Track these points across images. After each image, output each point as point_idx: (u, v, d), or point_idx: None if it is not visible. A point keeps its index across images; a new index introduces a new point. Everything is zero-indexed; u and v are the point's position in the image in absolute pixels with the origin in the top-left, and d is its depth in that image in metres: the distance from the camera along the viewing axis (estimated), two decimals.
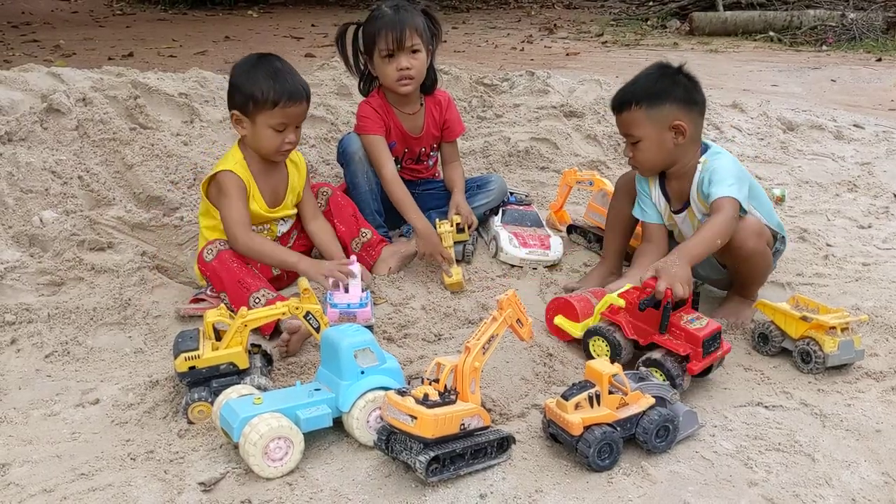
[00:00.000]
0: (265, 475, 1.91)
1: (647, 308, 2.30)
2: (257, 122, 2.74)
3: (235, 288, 2.64)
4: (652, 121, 2.64)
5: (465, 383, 1.94)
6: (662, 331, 2.29)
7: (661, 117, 2.63)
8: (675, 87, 2.66)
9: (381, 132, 3.20)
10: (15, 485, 1.90)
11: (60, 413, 2.22)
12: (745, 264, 2.67)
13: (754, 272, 2.74)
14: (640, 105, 2.64)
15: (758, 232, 2.64)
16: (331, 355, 2.08)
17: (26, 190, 3.08)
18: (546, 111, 4.76)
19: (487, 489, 1.89)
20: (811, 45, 9.51)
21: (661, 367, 2.24)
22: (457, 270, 2.97)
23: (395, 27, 3.06)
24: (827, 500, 1.89)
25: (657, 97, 2.63)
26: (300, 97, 2.76)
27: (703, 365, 2.25)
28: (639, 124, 2.66)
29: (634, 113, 2.66)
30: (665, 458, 2.02)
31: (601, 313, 2.45)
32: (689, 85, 2.69)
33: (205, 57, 7.09)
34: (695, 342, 2.24)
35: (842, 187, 4.27)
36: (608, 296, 2.43)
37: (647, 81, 2.69)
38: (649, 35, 10.32)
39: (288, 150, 2.82)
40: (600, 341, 2.40)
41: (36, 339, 2.52)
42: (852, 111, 5.81)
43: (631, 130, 2.70)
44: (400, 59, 3.10)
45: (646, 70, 2.77)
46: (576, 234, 3.48)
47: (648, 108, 2.63)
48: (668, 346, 2.27)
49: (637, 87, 2.70)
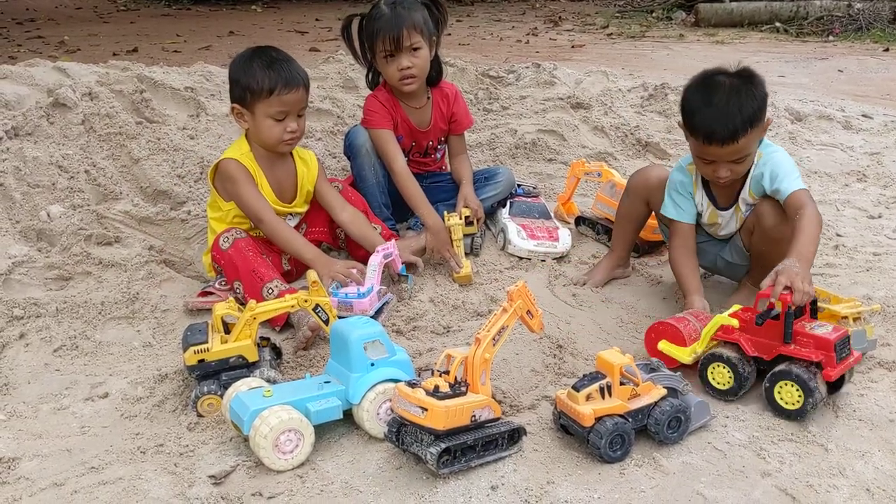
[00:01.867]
0: (276, 468, 1.90)
1: (765, 321, 2.17)
2: (256, 112, 2.74)
3: (250, 277, 2.64)
4: (759, 132, 2.57)
5: (475, 375, 1.93)
6: (787, 340, 2.16)
7: (761, 127, 2.56)
8: (761, 95, 2.55)
9: (389, 126, 3.19)
10: (25, 478, 1.90)
11: (70, 407, 2.22)
12: (777, 247, 2.58)
13: (780, 258, 2.68)
14: (749, 128, 2.51)
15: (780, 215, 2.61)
16: (340, 348, 2.08)
17: (33, 185, 3.08)
18: (553, 103, 4.74)
19: (499, 481, 1.88)
20: (817, 36, 9.46)
21: (789, 377, 2.10)
22: (465, 264, 2.96)
23: (391, 29, 3.03)
24: (841, 490, 1.87)
25: (758, 114, 2.53)
26: (296, 83, 2.74)
27: (839, 370, 2.12)
28: (752, 142, 2.57)
29: (748, 137, 2.52)
30: (677, 449, 2.01)
31: (712, 337, 2.28)
32: (759, 80, 2.58)
33: (209, 52, 7.09)
34: (826, 347, 2.11)
35: (851, 177, 4.24)
36: (717, 317, 2.26)
37: (745, 100, 2.51)
38: (654, 27, 10.27)
39: (291, 139, 2.79)
40: (720, 367, 2.22)
41: (44, 334, 2.52)
42: (860, 101, 5.78)
43: (744, 153, 2.56)
44: (400, 60, 3.09)
45: (723, 88, 2.55)
46: (584, 226, 3.47)
47: (753, 127, 2.52)
48: (798, 354, 2.13)
49: (742, 114, 2.49)
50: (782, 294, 2.15)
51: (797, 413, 2.10)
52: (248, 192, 2.75)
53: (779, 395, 2.13)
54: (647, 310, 2.80)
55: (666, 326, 2.36)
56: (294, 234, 2.83)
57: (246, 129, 2.82)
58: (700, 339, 2.30)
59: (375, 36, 3.08)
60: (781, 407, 2.12)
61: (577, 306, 2.83)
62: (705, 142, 2.53)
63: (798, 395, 2.09)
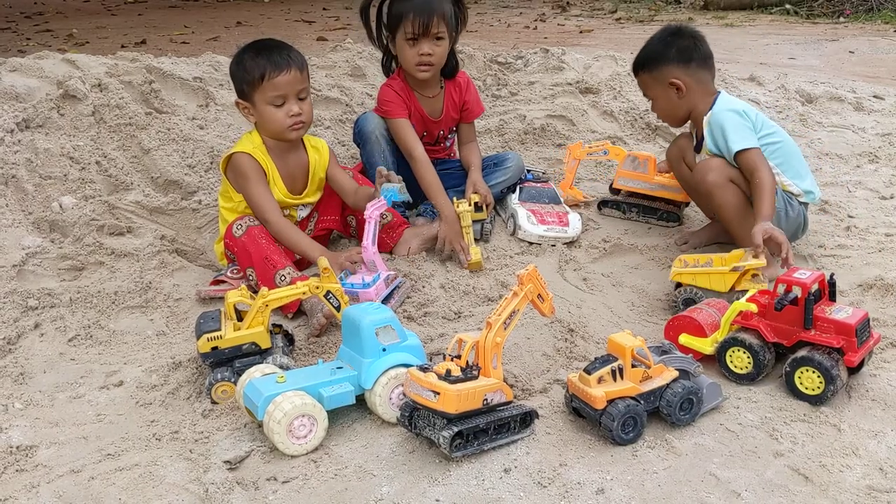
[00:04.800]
0: (290, 453, 1.92)
1: (784, 307, 2.16)
2: (256, 102, 2.75)
3: (263, 264, 2.65)
4: (656, 81, 2.99)
5: (487, 359, 1.93)
6: (808, 326, 2.15)
7: (661, 78, 2.96)
8: (668, 48, 2.95)
9: (406, 115, 3.19)
10: (43, 466, 1.92)
11: (85, 395, 2.24)
12: (711, 202, 2.88)
13: (724, 212, 2.84)
14: (644, 69, 3.02)
15: (714, 168, 2.82)
16: (352, 333, 2.08)
17: (45, 176, 3.10)
18: (561, 88, 4.72)
19: (512, 464, 1.89)
20: (828, 17, 9.38)
21: (811, 364, 2.08)
22: (476, 250, 2.96)
23: (423, 13, 3.04)
24: (854, 469, 1.87)
25: (655, 61, 2.97)
26: (285, 65, 2.72)
27: (860, 355, 2.11)
28: (647, 86, 3.05)
29: (642, 77, 3.05)
30: (689, 431, 2.01)
31: (731, 322, 2.29)
32: (687, 44, 2.96)
33: (217, 43, 7.07)
34: (847, 332, 2.10)
35: (863, 158, 4.21)
36: (736, 303, 2.27)
37: (648, 47, 3.03)
38: (663, 10, 10.21)
39: (296, 124, 2.78)
40: (739, 352, 2.21)
41: (59, 324, 2.54)
42: (872, 82, 5.72)
43: (645, 92, 3.09)
44: (423, 45, 3.09)
45: (652, 35, 3.06)
46: (609, 208, 3.46)
47: (650, 71, 3.00)
48: (819, 340, 2.12)
49: (640, 54, 3.04)
50: (801, 279, 2.15)
51: (817, 399, 2.10)
52: (257, 192, 2.76)
53: (799, 380, 2.12)
54: (658, 293, 2.79)
55: (682, 320, 2.35)
56: (300, 235, 2.83)
57: (254, 122, 2.83)
58: (720, 327, 2.29)
59: (404, 16, 3.07)
60: (801, 392, 2.12)
61: (588, 290, 2.83)
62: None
63: (819, 382, 2.08)
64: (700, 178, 2.85)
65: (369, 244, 2.67)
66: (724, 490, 1.81)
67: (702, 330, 2.30)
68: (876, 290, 2.74)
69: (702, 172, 2.85)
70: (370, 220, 2.69)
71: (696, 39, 2.97)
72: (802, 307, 2.15)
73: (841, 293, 2.68)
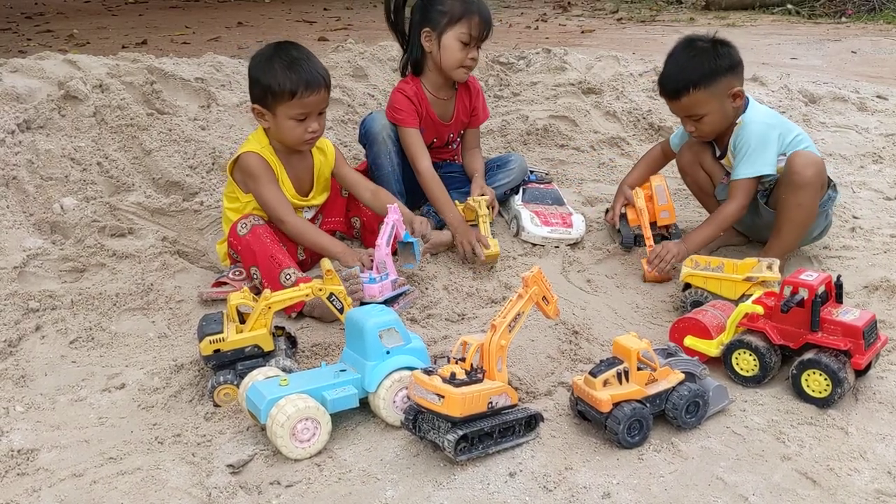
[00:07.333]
0: (293, 456, 1.90)
1: (790, 309, 2.14)
2: (278, 114, 2.70)
3: (267, 262, 2.63)
4: (713, 97, 2.77)
5: (491, 361, 1.92)
6: (815, 328, 2.13)
7: (719, 91, 2.77)
8: (721, 58, 2.78)
9: (417, 125, 3.18)
10: (45, 469, 1.91)
11: (87, 398, 2.22)
12: (796, 196, 2.72)
13: (800, 212, 2.74)
14: (699, 87, 2.77)
15: (815, 162, 2.73)
16: (356, 336, 2.07)
17: (46, 177, 3.09)
18: (564, 88, 4.71)
19: (517, 467, 1.87)
20: (830, 17, 9.35)
21: (818, 366, 2.06)
22: (494, 242, 2.95)
23: (488, 21, 3.10)
24: (862, 473, 1.86)
25: (711, 75, 2.76)
26: (318, 85, 2.68)
27: (867, 358, 2.09)
28: (702, 104, 2.79)
29: (695, 96, 2.78)
30: (696, 434, 2.00)
31: (737, 324, 2.27)
32: (730, 50, 2.83)
33: (218, 43, 7.07)
34: (855, 334, 2.08)
35: (867, 159, 4.19)
36: (741, 305, 2.25)
37: (695, 62, 2.79)
38: (665, 11, 10.18)
39: (312, 139, 2.76)
40: (745, 354, 2.19)
41: (60, 326, 2.52)
42: (875, 82, 5.70)
43: (694, 111, 2.82)
44: (473, 50, 3.12)
45: (682, 50, 2.86)
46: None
47: (706, 87, 2.76)
48: (826, 343, 2.10)
49: (688, 71, 2.79)
50: (808, 281, 2.14)
51: (824, 402, 2.08)
52: (269, 192, 2.73)
53: (806, 382, 2.10)
54: (663, 294, 2.78)
55: (687, 322, 2.33)
56: (318, 232, 2.82)
57: (266, 128, 2.79)
58: (726, 329, 2.27)
59: (466, 16, 3.05)
60: (808, 394, 2.10)
61: (592, 292, 2.82)
62: (660, 93, 2.92)
63: (826, 384, 2.07)
64: (799, 168, 2.70)
65: (383, 244, 2.65)
66: (732, 494, 1.79)
67: (707, 332, 2.28)
68: (882, 292, 2.72)
69: (800, 164, 2.70)
70: (388, 223, 2.68)
71: (732, 46, 2.86)
72: (809, 309, 2.13)
73: (846, 295, 2.66)
